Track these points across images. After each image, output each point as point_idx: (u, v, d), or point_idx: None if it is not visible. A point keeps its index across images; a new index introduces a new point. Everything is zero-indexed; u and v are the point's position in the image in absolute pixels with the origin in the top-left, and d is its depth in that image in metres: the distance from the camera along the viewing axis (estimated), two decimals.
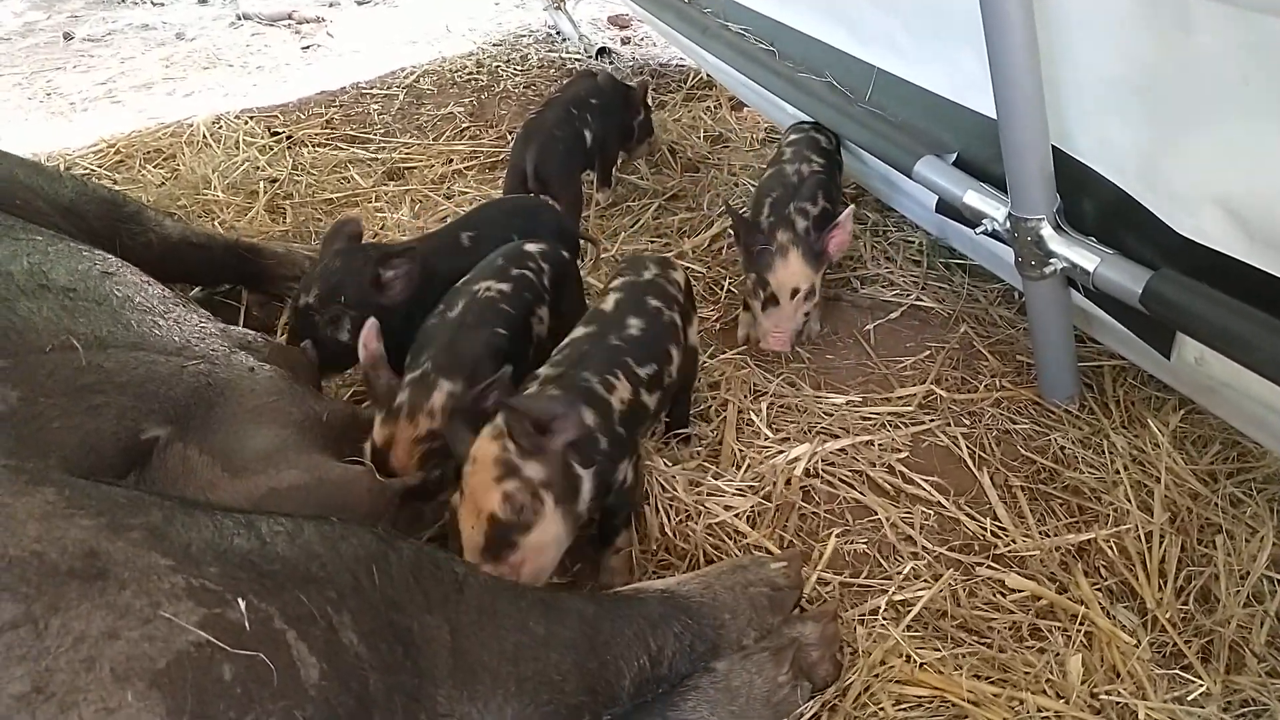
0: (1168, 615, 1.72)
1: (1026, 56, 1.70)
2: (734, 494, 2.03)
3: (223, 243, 2.72)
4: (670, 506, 1.99)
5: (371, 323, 1.94)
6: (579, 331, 1.96)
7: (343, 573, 1.05)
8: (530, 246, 2.23)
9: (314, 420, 1.75)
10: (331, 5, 6.04)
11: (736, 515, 1.97)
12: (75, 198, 2.28)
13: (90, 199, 2.34)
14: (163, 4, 6.28)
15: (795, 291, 2.30)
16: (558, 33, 5.12)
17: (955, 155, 2.20)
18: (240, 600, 0.89)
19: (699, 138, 3.84)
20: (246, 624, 0.88)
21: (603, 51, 4.79)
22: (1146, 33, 1.62)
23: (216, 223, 3.19)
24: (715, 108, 4.14)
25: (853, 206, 2.39)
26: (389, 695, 1.02)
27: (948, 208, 2.23)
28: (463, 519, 1.57)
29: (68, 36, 5.66)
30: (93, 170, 3.64)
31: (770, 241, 2.31)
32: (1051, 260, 1.88)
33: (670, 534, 1.95)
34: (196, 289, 2.73)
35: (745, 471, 2.09)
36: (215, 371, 1.70)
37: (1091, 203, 1.88)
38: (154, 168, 3.67)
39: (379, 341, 1.92)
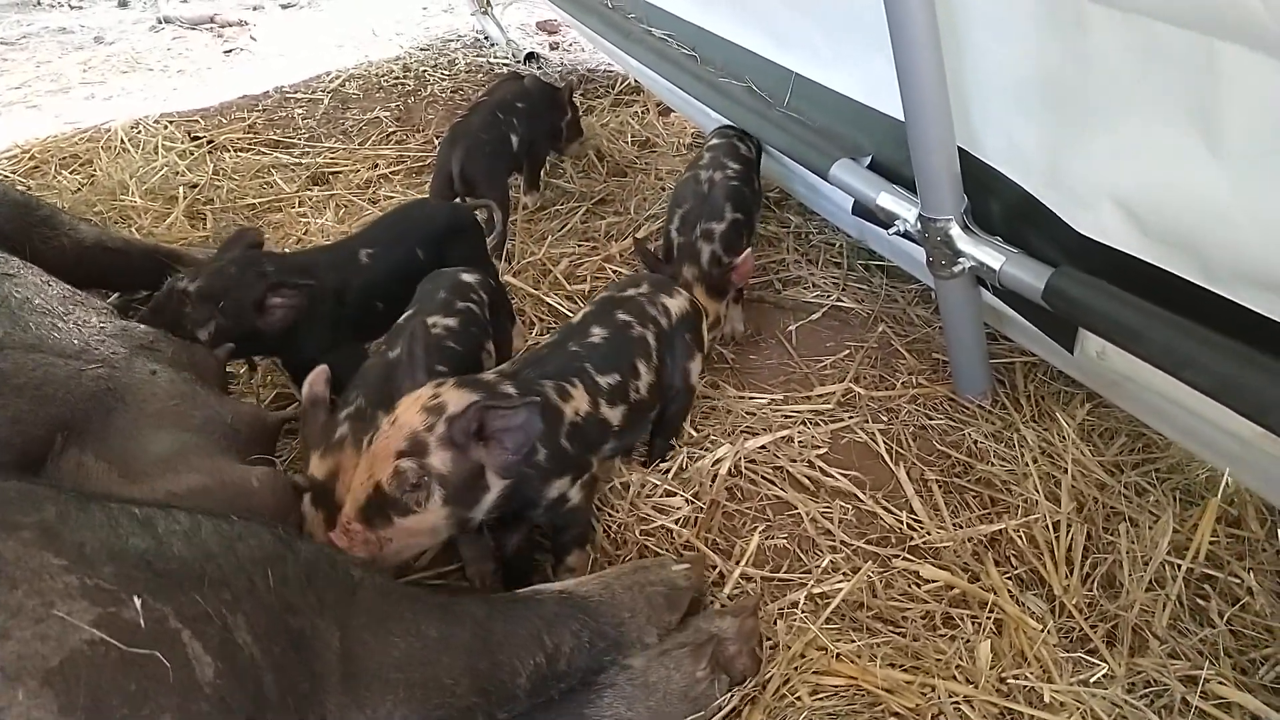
0: (1074, 601, 1.78)
1: (931, 60, 1.74)
2: (662, 495, 2.05)
3: (141, 248, 2.67)
4: (603, 508, 2.01)
5: (321, 369, 1.90)
6: (543, 340, 1.94)
7: (239, 574, 1.04)
8: (467, 276, 2.19)
9: (217, 423, 1.72)
10: (255, 9, 5.96)
11: (670, 518, 1.98)
12: None
13: (3, 202, 2.30)
14: (81, 7, 6.14)
15: None
16: (486, 38, 5.11)
17: (870, 158, 2.25)
18: (135, 599, 0.88)
19: (627, 142, 3.86)
20: (141, 622, 0.87)
21: (531, 56, 4.79)
22: (1046, 36, 1.67)
23: (134, 229, 3.12)
24: (643, 113, 4.18)
25: (750, 250, 2.42)
26: (282, 696, 1.02)
27: (863, 210, 2.28)
28: (358, 471, 1.56)
29: None
30: (6, 176, 3.54)
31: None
32: (960, 259, 1.94)
33: (603, 536, 1.96)
34: (115, 295, 2.68)
35: (670, 473, 2.11)
36: (115, 376, 1.67)
37: (997, 203, 1.94)
38: (70, 173, 3.58)
39: (325, 387, 1.88)
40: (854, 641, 1.70)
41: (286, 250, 3.01)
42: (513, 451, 1.56)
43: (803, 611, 1.77)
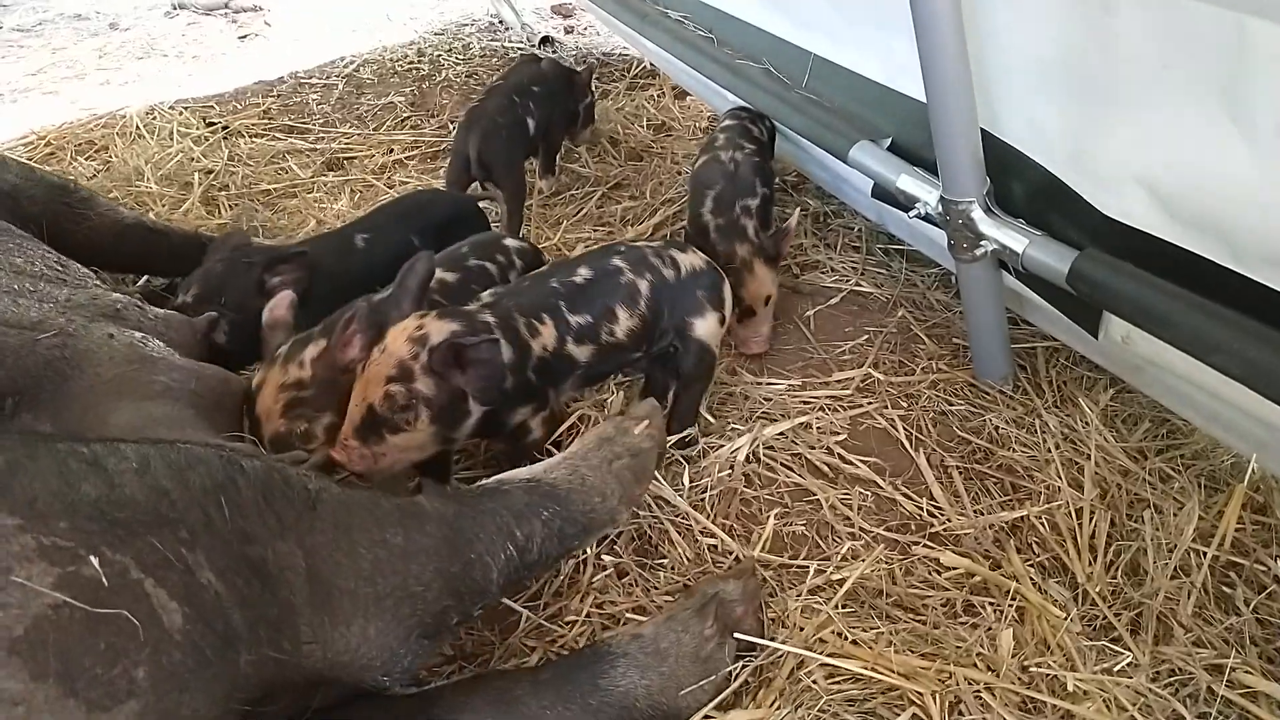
0: (1097, 589, 1.75)
1: (954, 41, 1.71)
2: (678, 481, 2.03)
3: (182, 232, 2.71)
4: None
5: (287, 294, 1.96)
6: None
7: (193, 508, 1.02)
8: (509, 241, 2.23)
9: (180, 389, 1.69)
10: None
11: (683, 498, 1.97)
12: (19, 183, 2.28)
13: (37, 184, 2.34)
14: None
15: (768, 299, 2.40)
16: (500, 21, 5.08)
17: (890, 140, 2.22)
18: (94, 556, 0.87)
19: (642, 126, 3.84)
20: (104, 579, 0.86)
21: (546, 40, 4.76)
22: (1071, 16, 1.64)
23: (150, 215, 3.11)
24: (658, 96, 4.15)
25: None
26: (252, 628, 1.01)
27: (883, 192, 2.25)
28: (354, 392, 1.71)
29: None
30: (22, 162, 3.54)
31: (733, 259, 2.37)
32: (982, 242, 1.91)
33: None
34: (144, 279, 2.72)
35: (688, 458, 2.08)
36: (71, 344, 1.63)
37: (1020, 185, 1.91)
38: (85, 159, 3.58)
39: (289, 311, 1.96)
40: (874, 628, 1.67)
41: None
42: (483, 381, 1.70)
43: (820, 597, 1.75)
